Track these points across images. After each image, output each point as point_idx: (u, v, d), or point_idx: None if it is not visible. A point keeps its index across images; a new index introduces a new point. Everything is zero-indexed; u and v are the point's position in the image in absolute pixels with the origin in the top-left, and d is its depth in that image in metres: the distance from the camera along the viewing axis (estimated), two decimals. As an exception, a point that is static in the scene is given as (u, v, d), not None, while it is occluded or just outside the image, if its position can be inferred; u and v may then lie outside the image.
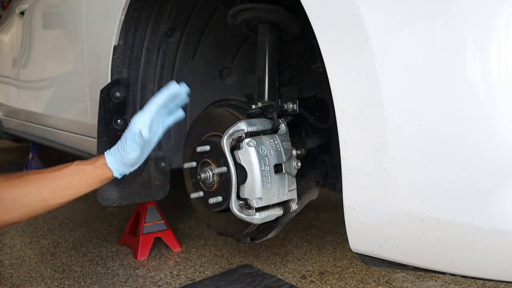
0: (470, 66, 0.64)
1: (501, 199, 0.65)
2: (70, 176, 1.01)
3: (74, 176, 1.01)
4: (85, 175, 1.02)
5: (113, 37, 1.40)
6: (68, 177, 1.01)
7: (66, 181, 1.00)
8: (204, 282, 1.63)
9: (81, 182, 1.02)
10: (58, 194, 1.01)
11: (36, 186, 0.98)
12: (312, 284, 1.61)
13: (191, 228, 2.29)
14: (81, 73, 1.74)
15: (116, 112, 1.44)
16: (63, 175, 1.01)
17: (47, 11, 2.29)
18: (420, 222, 0.72)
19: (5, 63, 3.19)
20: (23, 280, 1.67)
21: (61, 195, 1.01)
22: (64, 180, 1.00)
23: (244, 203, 0.98)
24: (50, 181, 1.00)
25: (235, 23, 1.15)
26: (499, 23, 0.62)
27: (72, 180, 1.01)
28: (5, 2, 6.53)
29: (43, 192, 0.99)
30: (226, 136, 0.97)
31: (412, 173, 0.71)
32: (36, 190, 0.98)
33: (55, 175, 1.00)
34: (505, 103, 0.63)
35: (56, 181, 1.00)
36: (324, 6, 0.78)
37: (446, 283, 1.60)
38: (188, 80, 1.62)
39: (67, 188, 1.01)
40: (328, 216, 2.48)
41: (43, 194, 0.99)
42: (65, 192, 1.02)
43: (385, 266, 0.84)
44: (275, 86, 1.12)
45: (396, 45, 0.70)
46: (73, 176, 1.01)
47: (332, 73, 0.78)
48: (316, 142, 1.22)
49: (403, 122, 0.70)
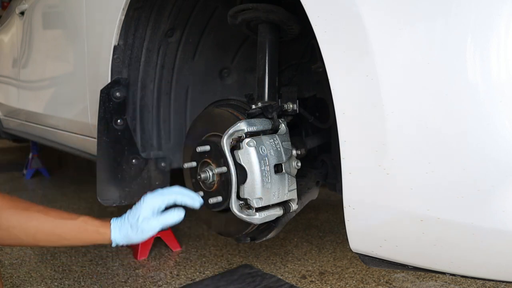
0: (470, 66, 0.64)
1: (501, 199, 0.65)
2: (70, 230, 1.01)
3: (74, 231, 1.01)
4: (84, 235, 1.02)
5: (113, 37, 1.40)
6: (68, 230, 1.01)
7: (65, 232, 1.01)
8: (204, 282, 1.63)
9: (78, 238, 1.02)
10: (51, 240, 1.01)
11: (35, 226, 0.98)
12: (312, 284, 1.61)
13: (191, 228, 2.29)
14: (81, 73, 1.74)
15: (116, 112, 1.44)
16: (64, 226, 1.00)
17: (47, 11, 2.29)
18: (420, 222, 0.72)
19: (5, 63, 3.19)
20: (23, 280, 1.67)
21: (54, 242, 1.02)
22: (63, 231, 1.01)
23: (244, 203, 0.98)
24: (51, 227, 0.99)
25: (235, 23, 1.15)
26: (499, 23, 0.62)
27: (70, 234, 1.01)
28: (5, 2, 6.53)
29: (39, 233, 0.99)
30: (226, 136, 0.97)
31: (412, 173, 0.71)
32: (33, 230, 0.98)
33: (57, 224, 1.00)
34: (505, 103, 0.63)
35: (56, 229, 1.00)
36: (324, 6, 0.78)
37: (446, 283, 1.60)
38: (188, 80, 1.62)
39: (62, 239, 1.02)
40: (328, 216, 2.48)
41: (38, 235, 0.99)
42: (59, 242, 1.03)
43: (385, 266, 0.84)
44: (275, 86, 1.12)
45: (396, 45, 0.70)
46: (73, 231, 1.01)
47: (332, 73, 0.78)
48: (316, 142, 1.22)
49: (403, 122, 0.70)
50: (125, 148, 1.50)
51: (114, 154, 1.48)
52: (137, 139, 1.56)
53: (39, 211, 1.00)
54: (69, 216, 1.02)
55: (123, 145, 1.49)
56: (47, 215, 1.00)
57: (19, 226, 0.97)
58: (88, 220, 1.02)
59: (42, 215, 0.99)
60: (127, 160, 1.51)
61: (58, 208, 1.06)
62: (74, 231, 1.01)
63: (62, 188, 3.33)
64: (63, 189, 3.29)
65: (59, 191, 3.25)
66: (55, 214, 1.01)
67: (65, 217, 1.01)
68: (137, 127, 1.56)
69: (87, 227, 1.01)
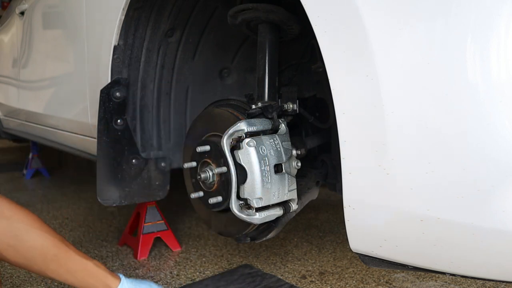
0: (470, 66, 0.64)
1: (501, 199, 0.65)
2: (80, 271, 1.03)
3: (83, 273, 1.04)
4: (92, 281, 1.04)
5: (113, 37, 1.40)
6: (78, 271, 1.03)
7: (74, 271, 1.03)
8: (204, 282, 1.63)
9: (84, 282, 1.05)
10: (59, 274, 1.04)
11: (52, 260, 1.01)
12: (312, 284, 1.61)
13: (191, 228, 2.29)
14: (81, 73, 1.74)
15: (116, 112, 1.44)
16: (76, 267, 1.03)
17: (47, 11, 2.29)
18: (420, 222, 0.72)
19: (5, 63, 3.19)
20: (23, 280, 1.67)
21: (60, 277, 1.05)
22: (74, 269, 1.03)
23: (244, 203, 0.98)
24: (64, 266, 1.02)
25: (235, 23, 1.15)
26: (499, 23, 0.62)
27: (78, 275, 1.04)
28: (5, 2, 6.53)
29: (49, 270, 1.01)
30: (226, 136, 0.97)
31: (412, 173, 0.71)
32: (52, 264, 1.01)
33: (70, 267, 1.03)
34: (505, 103, 0.63)
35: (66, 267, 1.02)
36: (324, 6, 0.78)
37: (446, 283, 1.60)
38: (188, 80, 1.62)
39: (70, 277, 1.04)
40: (328, 216, 2.48)
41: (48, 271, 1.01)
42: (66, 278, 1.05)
43: (385, 266, 0.84)
44: (275, 86, 1.12)
45: (396, 45, 0.70)
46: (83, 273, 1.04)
47: (332, 73, 0.78)
48: (316, 142, 1.22)
49: (403, 122, 0.70)
50: (125, 148, 1.50)
51: (114, 154, 1.48)
52: (137, 139, 1.57)
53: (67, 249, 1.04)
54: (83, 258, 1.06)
55: (123, 145, 1.49)
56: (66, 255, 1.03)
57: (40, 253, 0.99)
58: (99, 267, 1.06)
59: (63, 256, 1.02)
60: (127, 160, 1.52)
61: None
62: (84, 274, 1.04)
63: (62, 188, 3.33)
64: (63, 189, 3.30)
65: (59, 191, 3.25)
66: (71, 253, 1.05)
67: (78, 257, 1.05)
68: (137, 127, 1.56)
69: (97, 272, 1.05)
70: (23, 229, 0.96)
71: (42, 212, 2.63)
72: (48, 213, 2.62)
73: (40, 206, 2.78)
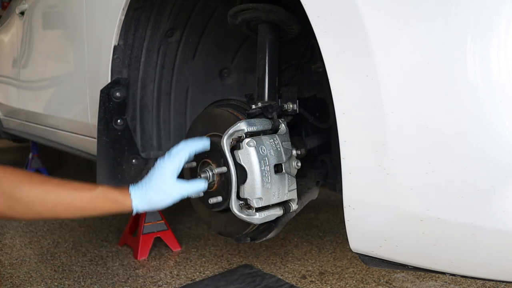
0: (470, 66, 0.64)
1: (501, 199, 0.65)
2: (89, 202, 1.00)
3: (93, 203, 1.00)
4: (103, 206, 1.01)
5: (113, 37, 1.40)
6: (87, 202, 1.00)
7: (84, 204, 1.00)
8: (204, 282, 1.63)
9: (97, 209, 1.01)
10: (70, 212, 1.01)
11: (54, 200, 0.98)
12: (312, 284, 1.61)
13: (191, 228, 2.29)
14: (81, 73, 1.74)
15: (116, 112, 1.44)
16: (83, 199, 1.00)
17: (47, 11, 2.29)
18: (420, 222, 0.72)
19: (5, 63, 3.19)
20: (23, 280, 1.67)
21: (73, 213, 1.01)
22: (82, 203, 1.00)
23: (244, 203, 0.98)
24: (69, 199, 0.99)
25: (235, 23, 1.15)
26: (499, 23, 0.62)
27: (89, 205, 1.00)
28: (5, 2, 6.53)
29: (58, 206, 0.98)
30: (226, 136, 0.97)
31: (412, 173, 0.71)
32: (52, 203, 0.98)
33: (76, 197, 0.99)
34: (505, 103, 0.63)
35: (75, 201, 0.99)
36: (324, 6, 0.78)
37: (446, 283, 1.60)
38: (188, 80, 1.62)
39: (81, 210, 1.01)
40: (328, 216, 2.48)
41: (57, 208, 0.98)
42: (78, 213, 1.02)
43: (385, 266, 0.84)
44: (275, 86, 1.12)
45: (396, 45, 0.70)
46: (92, 202, 1.00)
47: (332, 73, 0.77)
48: (316, 142, 1.22)
49: (403, 122, 0.70)
50: (125, 148, 1.50)
51: (114, 154, 1.48)
52: (137, 139, 1.56)
53: (57, 184, 0.99)
54: (87, 188, 1.01)
55: (123, 145, 1.49)
56: (65, 188, 0.99)
57: (38, 201, 0.96)
58: (106, 190, 1.01)
59: (60, 188, 0.99)
60: (127, 160, 1.51)
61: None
62: (93, 203, 1.00)
63: (62, 188, 3.33)
64: (63, 189, 3.29)
65: (59, 191, 3.25)
66: (73, 187, 1.00)
67: (83, 188, 1.01)
68: (137, 127, 1.56)
69: (105, 197, 1.00)
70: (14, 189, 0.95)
71: (42, 212, 2.63)
72: (48, 213, 2.62)
73: (40, 206, 2.78)
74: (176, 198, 1.00)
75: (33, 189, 0.96)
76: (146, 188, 1.00)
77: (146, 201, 0.99)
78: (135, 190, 1.01)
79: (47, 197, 0.97)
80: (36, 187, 0.97)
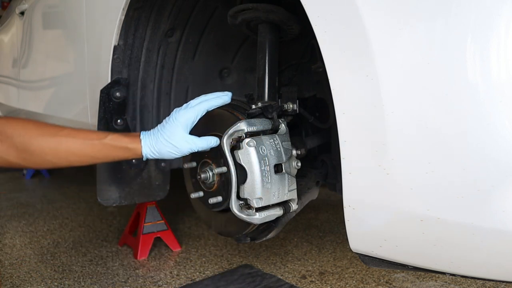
0: (470, 66, 0.64)
1: (501, 199, 0.65)
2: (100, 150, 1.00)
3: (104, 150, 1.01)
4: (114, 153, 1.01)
5: (113, 37, 1.40)
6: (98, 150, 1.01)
7: (95, 152, 1.01)
8: (204, 282, 1.63)
9: (108, 156, 1.02)
10: (83, 160, 1.02)
11: (66, 150, 0.99)
12: (312, 284, 1.61)
13: (191, 228, 2.29)
14: (81, 73, 1.74)
15: (116, 112, 1.44)
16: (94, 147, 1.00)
17: (47, 11, 2.29)
18: (420, 222, 0.72)
19: (5, 63, 3.19)
20: (23, 280, 1.67)
21: (86, 162, 1.03)
22: (93, 152, 1.01)
23: (244, 203, 0.98)
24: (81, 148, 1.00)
25: (235, 23, 1.15)
26: (499, 23, 0.62)
27: (100, 153, 1.01)
28: (5, 2, 6.52)
29: (71, 156, 1.00)
30: (226, 136, 0.97)
31: (412, 173, 0.71)
32: (65, 153, 1.00)
33: (87, 145, 1.00)
34: (505, 103, 0.63)
35: (85, 151, 1.00)
36: (324, 6, 0.78)
37: (446, 283, 1.60)
38: (188, 80, 1.62)
39: (93, 158, 1.02)
40: (328, 216, 2.48)
41: (70, 157, 1.00)
42: (91, 161, 1.03)
43: (385, 266, 0.84)
44: (275, 86, 1.12)
45: (396, 45, 0.70)
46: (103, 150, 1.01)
47: (332, 73, 0.78)
48: (316, 142, 1.22)
49: (403, 122, 0.70)
50: (125, 148, 1.49)
51: (114, 154, 1.48)
52: (137, 139, 1.56)
53: (68, 134, 1.01)
54: (98, 136, 1.02)
55: (123, 145, 1.49)
56: (76, 138, 1.01)
57: (51, 152, 0.98)
58: (117, 138, 1.01)
59: (71, 139, 1.00)
60: (127, 160, 1.51)
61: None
62: (104, 151, 1.01)
63: (62, 188, 3.33)
64: (63, 189, 3.30)
65: (59, 191, 3.25)
66: (83, 136, 1.01)
67: (93, 137, 1.01)
68: (137, 127, 1.56)
69: (116, 145, 1.01)
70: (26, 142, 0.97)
71: (42, 212, 2.63)
72: (48, 213, 2.62)
73: (40, 206, 2.78)
74: (185, 151, 0.99)
75: (45, 142, 0.98)
76: (157, 137, 0.99)
77: (155, 150, 0.99)
78: (146, 138, 1.01)
79: (59, 148, 0.99)
80: (47, 139, 0.99)
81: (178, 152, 0.99)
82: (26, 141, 0.97)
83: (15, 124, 0.99)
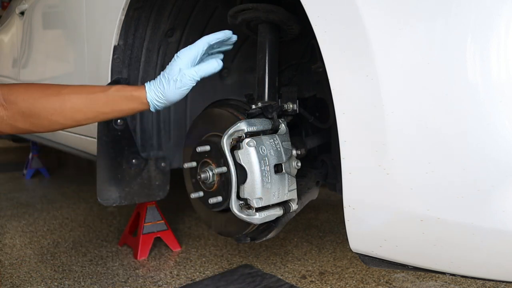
0: (470, 66, 0.64)
1: (501, 199, 0.65)
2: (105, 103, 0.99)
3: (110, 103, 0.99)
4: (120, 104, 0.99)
5: (113, 37, 1.40)
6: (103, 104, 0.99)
7: (101, 106, 0.99)
8: (204, 282, 1.63)
9: (115, 109, 1.00)
10: (90, 117, 1.00)
11: (71, 108, 0.98)
12: (312, 284, 1.61)
13: (191, 228, 2.29)
14: (81, 73, 1.74)
15: (116, 112, 1.44)
16: (98, 101, 0.99)
17: (47, 11, 2.29)
18: (420, 222, 0.72)
19: (5, 63, 3.19)
20: (23, 280, 1.67)
21: (93, 118, 1.01)
22: (99, 106, 0.99)
23: (244, 203, 0.98)
24: (86, 104, 0.98)
25: (235, 23, 1.15)
26: (499, 23, 0.62)
27: (106, 107, 0.99)
28: (5, 2, 6.53)
29: (77, 114, 0.98)
30: (226, 136, 0.97)
31: (412, 173, 0.71)
32: (71, 112, 0.98)
33: (91, 100, 0.99)
34: (505, 103, 0.63)
35: (90, 106, 0.98)
36: (324, 6, 0.78)
37: (446, 283, 1.60)
38: (188, 80, 1.62)
39: (100, 113, 1.00)
40: (328, 216, 2.48)
41: (76, 115, 0.98)
42: (98, 117, 1.01)
43: (385, 266, 0.84)
44: (275, 86, 1.12)
45: (396, 45, 0.70)
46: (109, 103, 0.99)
47: (332, 73, 0.78)
48: (316, 142, 1.22)
49: (403, 122, 0.70)
50: (125, 148, 1.50)
51: (114, 154, 1.48)
52: (137, 139, 1.57)
53: (71, 91, 0.99)
54: (102, 89, 1.00)
55: (123, 145, 1.49)
56: (79, 94, 0.99)
57: (57, 113, 0.97)
58: (121, 89, 1.00)
59: (75, 96, 0.99)
60: (127, 160, 1.52)
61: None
62: (109, 104, 0.99)
63: (62, 188, 3.33)
64: (63, 189, 3.30)
65: (59, 191, 3.25)
66: (87, 90, 1.00)
67: (97, 90, 1.00)
68: (137, 127, 1.56)
69: (120, 95, 0.99)
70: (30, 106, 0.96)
71: (42, 212, 2.63)
72: (48, 213, 2.62)
73: (40, 206, 2.78)
74: (188, 83, 0.98)
75: (49, 102, 0.97)
76: (160, 79, 0.99)
77: (160, 93, 0.98)
78: (150, 84, 1.00)
79: (64, 107, 0.97)
80: (51, 99, 0.98)
81: (184, 87, 0.97)
82: (30, 104, 0.96)
83: (18, 89, 0.97)
